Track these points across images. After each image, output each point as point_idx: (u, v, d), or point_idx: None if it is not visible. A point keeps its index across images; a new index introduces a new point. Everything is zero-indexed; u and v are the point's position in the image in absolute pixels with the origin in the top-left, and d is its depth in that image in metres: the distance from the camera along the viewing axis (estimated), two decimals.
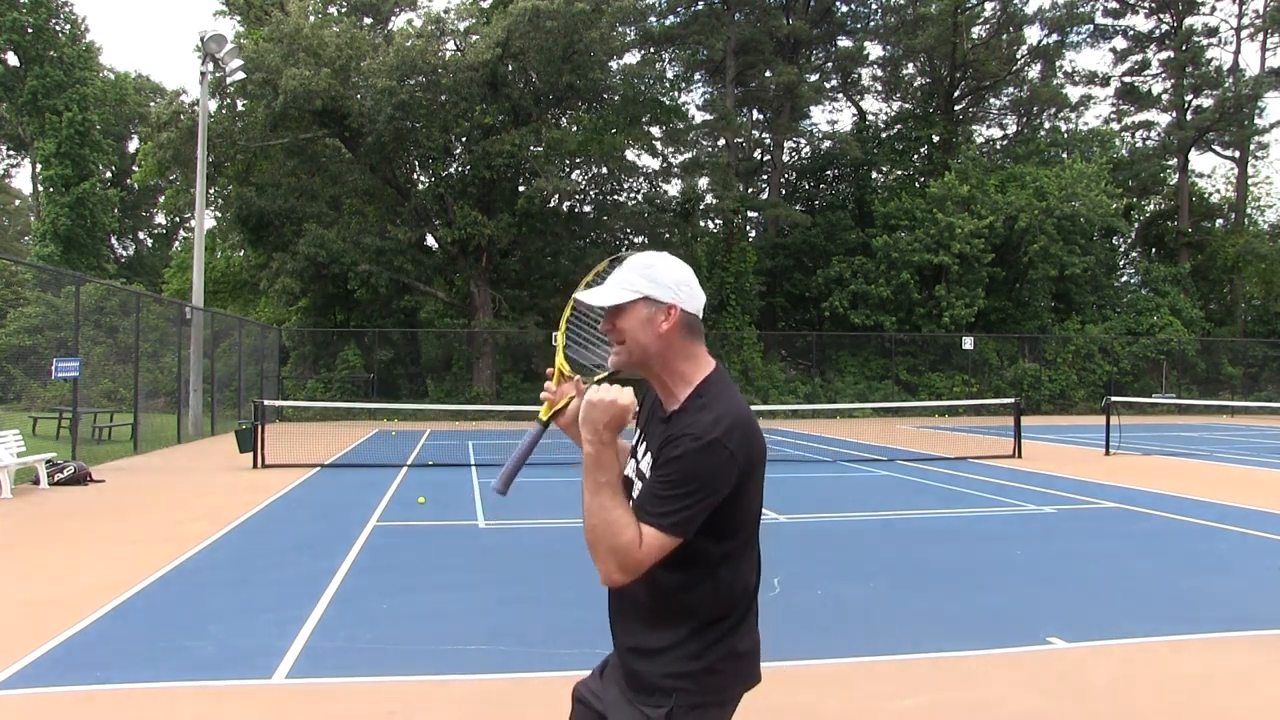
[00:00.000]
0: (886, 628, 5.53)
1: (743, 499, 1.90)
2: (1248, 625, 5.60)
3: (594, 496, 1.86)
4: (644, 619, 1.97)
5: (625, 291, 1.93)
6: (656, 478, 1.88)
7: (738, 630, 1.97)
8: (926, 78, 40.02)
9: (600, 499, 1.86)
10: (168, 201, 41.29)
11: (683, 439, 1.85)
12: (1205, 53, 40.08)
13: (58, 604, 5.87)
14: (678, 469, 1.84)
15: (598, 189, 33.37)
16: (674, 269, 1.97)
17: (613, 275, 1.99)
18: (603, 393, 1.87)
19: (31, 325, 27.60)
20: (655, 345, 1.93)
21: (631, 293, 1.93)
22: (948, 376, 32.30)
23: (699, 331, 1.99)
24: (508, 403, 27.34)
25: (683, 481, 1.83)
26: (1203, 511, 10.10)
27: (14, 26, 36.21)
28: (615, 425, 1.87)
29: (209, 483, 12.20)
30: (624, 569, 1.84)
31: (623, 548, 1.82)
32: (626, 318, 1.94)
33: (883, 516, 9.95)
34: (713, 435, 1.83)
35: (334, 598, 6.07)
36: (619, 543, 1.83)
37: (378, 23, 32.35)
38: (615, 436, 1.88)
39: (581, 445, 1.90)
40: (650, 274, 1.94)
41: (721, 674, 1.94)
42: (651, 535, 1.83)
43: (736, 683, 1.98)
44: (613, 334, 1.97)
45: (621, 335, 1.95)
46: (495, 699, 4.37)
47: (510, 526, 9.02)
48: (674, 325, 1.93)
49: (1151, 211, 42.56)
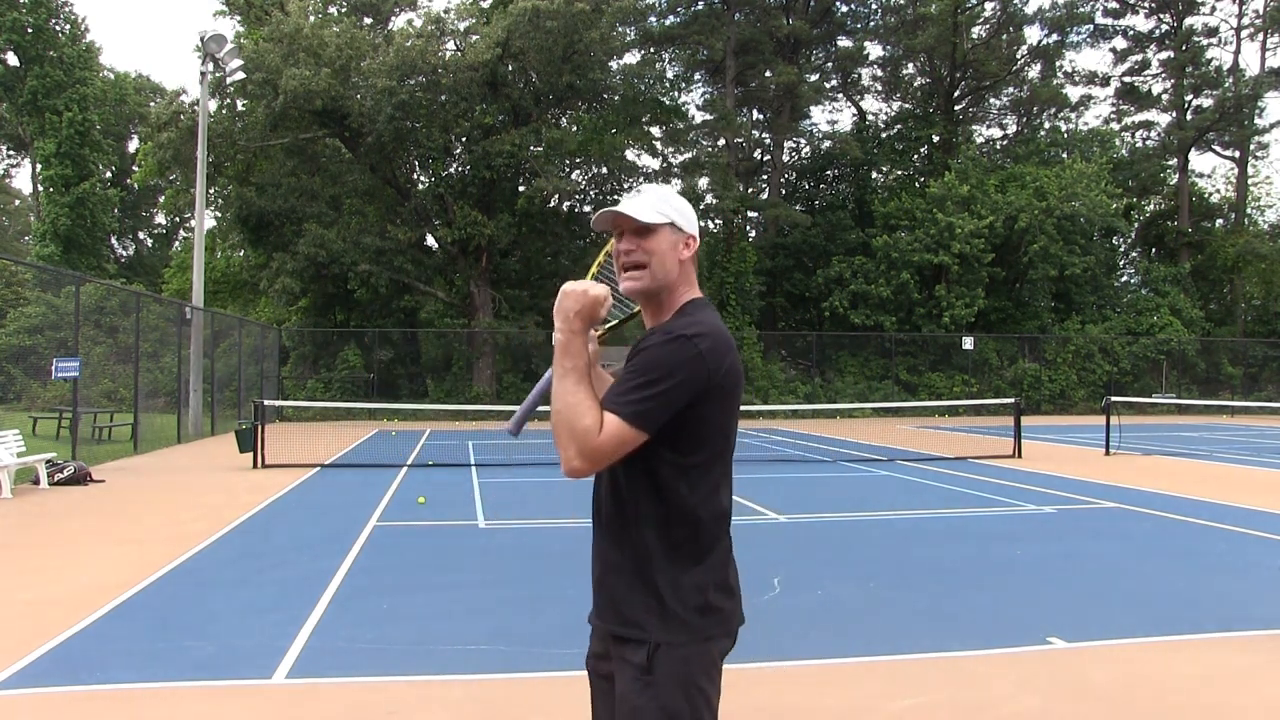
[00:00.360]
0: (886, 628, 5.53)
1: (709, 410, 1.92)
2: (1248, 625, 5.59)
3: (560, 382, 1.89)
4: (612, 538, 2.00)
5: (658, 214, 1.99)
6: (624, 371, 1.93)
7: (705, 561, 1.96)
8: (926, 78, 40.02)
9: (565, 384, 1.88)
10: (168, 201, 41.30)
11: (653, 335, 1.94)
12: (1205, 53, 40.09)
13: (58, 604, 5.87)
14: (642, 359, 1.90)
15: (598, 189, 33.37)
16: (685, 202, 2.07)
17: (635, 200, 2.02)
18: (575, 284, 1.93)
19: (31, 325, 27.60)
20: (674, 272, 2.00)
21: (662, 216, 1.99)
22: (948, 376, 32.31)
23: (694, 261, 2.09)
24: (508, 403, 27.33)
25: (645, 370, 1.88)
26: (1203, 511, 10.10)
27: (14, 26, 36.20)
28: (586, 315, 1.91)
29: (209, 483, 12.20)
30: (583, 455, 1.85)
31: (582, 432, 1.84)
32: (656, 240, 1.99)
33: (883, 516, 9.95)
34: (682, 332, 1.90)
35: (334, 598, 6.07)
36: (579, 426, 1.84)
37: (378, 23, 32.35)
38: (586, 326, 1.92)
39: (555, 363, 1.93)
40: (674, 203, 2.03)
41: (695, 609, 1.94)
42: (612, 422, 1.85)
43: (714, 623, 1.96)
44: (635, 254, 1.99)
45: (646, 258, 1.99)
46: (495, 699, 4.36)
47: (510, 526, 9.02)
48: (692, 255, 2.04)
49: (1151, 211, 42.56)
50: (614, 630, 1.99)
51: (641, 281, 1.99)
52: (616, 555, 1.99)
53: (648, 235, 1.98)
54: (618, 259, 2.03)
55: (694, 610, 1.94)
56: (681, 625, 1.92)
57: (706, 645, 1.95)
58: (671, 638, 1.91)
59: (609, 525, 2.01)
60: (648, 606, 1.93)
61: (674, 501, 1.94)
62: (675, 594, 1.93)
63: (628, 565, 1.97)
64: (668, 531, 1.94)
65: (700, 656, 1.94)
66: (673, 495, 1.94)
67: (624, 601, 1.97)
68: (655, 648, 1.91)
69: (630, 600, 1.96)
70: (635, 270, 1.99)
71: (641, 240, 1.98)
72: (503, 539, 8.48)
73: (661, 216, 1.98)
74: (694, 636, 1.93)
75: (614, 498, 1.99)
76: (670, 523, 1.94)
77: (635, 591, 1.95)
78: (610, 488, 2.01)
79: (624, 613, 1.97)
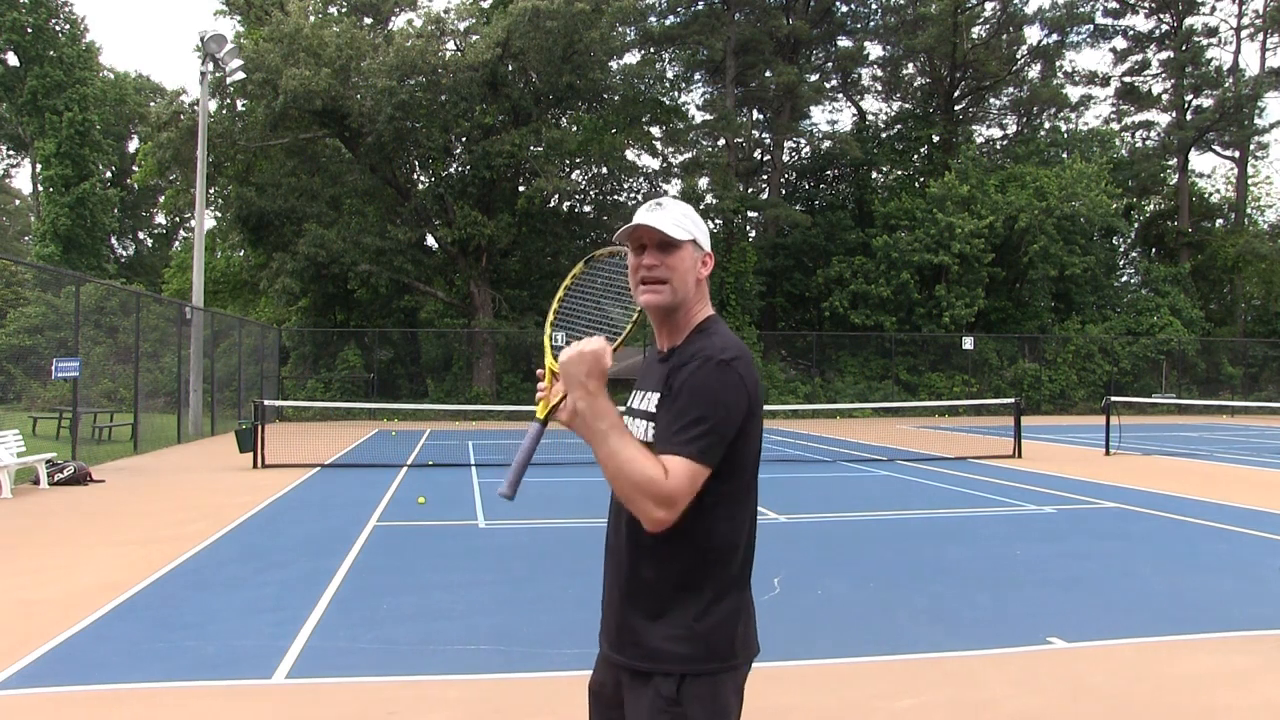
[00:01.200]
0: (886, 628, 5.53)
1: (750, 428, 1.90)
2: (1248, 625, 5.59)
3: (602, 446, 1.81)
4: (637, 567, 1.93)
5: (683, 231, 1.96)
6: (671, 406, 1.88)
7: (737, 587, 1.94)
8: (926, 78, 40.03)
9: (609, 445, 1.80)
10: (168, 201, 41.29)
11: (691, 361, 1.89)
12: (1205, 53, 40.10)
13: (58, 604, 5.87)
14: (689, 392, 1.85)
15: (598, 189, 33.39)
16: (702, 221, 2.04)
17: (660, 213, 1.97)
18: (570, 349, 1.86)
19: (31, 325, 27.59)
20: (692, 289, 1.98)
21: (686, 233, 1.97)
22: (948, 376, 32.31)
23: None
24: (508, 403, 27.35)
25: (695, 403, 1.84)
26: (1203, 511, 10.10)
27: (14, 26, 36.20)
28: (597, 372, 1.85)
29: (209, 483, 12.20)
30: (661, 504, 1.78)
31: (648, 483, 1.77)
32: (678, 256, 1.96)
33: (883, 516, 9.95)
34: (722, 357, 1.87)
35: (334, 598, 6.07)
36: (644, 479, 1.77)
37: (378, 23, 32.33)
38: (602, 384, 1.85)
39: (585, 434, 1.86)
40: (692, 218, 2.00)
41: (728, 636, 1.90)
42: (681, 465, 1.80)
43: (743, 647, 1.94)
44: (658, 270, 1.95)
45: (669, 274, 1.95)
46: (495, 699, 4.36)
47: (510, 526, 9.02)
48: (708, 273, 2.02)
49: (1151, 211, 42.56)
50: (634, 665, 1.92)
51: (662, 296, 1.95)
52: (640, 585, 1.92)
53: (671, 251, 1.95)
54: (635, 273, 1.99)
55: (726, 638, 1.90)
56: (714, 654, 1.88)
57: (735, 673, 1.92)
58: (703, 667, 1.87)
59: (635, 554, 1.93)
60: (677, 636, 1.87)
61: (714, 529, 1.90)
62: (710, 622, 1.88)
63: (657, 594, 1.90)
64: (705, 559, 1.89)
65: (730, 683, 1.91)
66: (713, 522, 1.90)
67: (646, 632, 1.90)
68: (682, 678, 1.85)
69: (654, 631, 1.89)
70: (657, 285, 1.95)
71: (665, 256, 1.95)
72: (503, 539, 8.48)
73: (686, 233, 1.95)
74: (725, 664, 1.90)
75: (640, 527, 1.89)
76: (709, 550, 1.90)
77: (663, 622, 1.89)
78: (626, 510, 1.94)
79: (647, 644, 1.90)
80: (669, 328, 2.01)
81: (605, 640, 2.03)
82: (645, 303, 1.98)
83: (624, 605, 1.96)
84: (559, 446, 18.17)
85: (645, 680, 1.89)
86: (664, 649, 1.88)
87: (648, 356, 2.11)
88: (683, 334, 1.99)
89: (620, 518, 1.98)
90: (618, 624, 1.97)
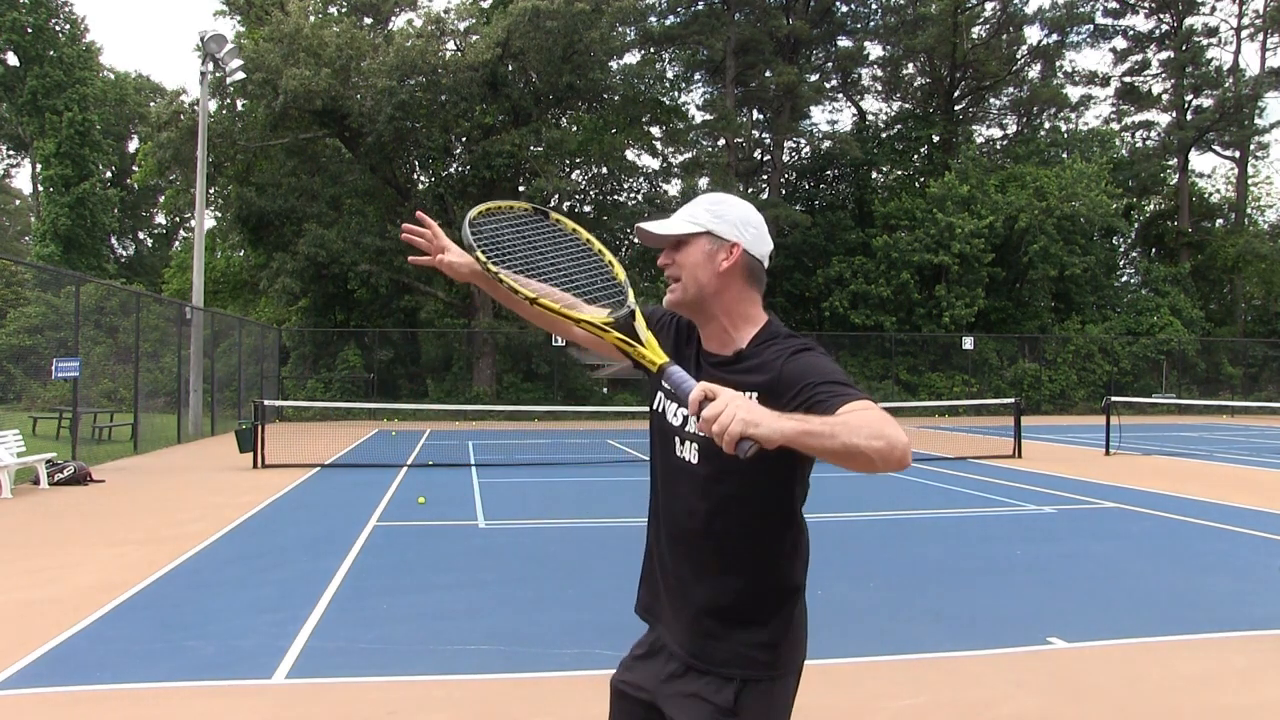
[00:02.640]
0: (886, 628, 5.53)
1: None
2: (1248, 625, 5.59)
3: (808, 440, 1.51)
4: (720, 566, 1.82)
5: (688, 224, 1.86)
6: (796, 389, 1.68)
7: (804, 588, 1.89)
8: (926, 78, 40.03)
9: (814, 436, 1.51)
10: (168, 201, 41.32)
11: (780, 355, 1.75)
12: (1205, 53, 40.13)
13: (58, 604, 5.86)
14: (810, 368, 1.69)
15: (598, 189, 33.39)
16: (740, 208, 1.89)
17: (681, 210, 1.92)
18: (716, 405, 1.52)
19: (31, 325, 27.59)
20: (714, 284, 1.84)
21: (694, 225, 1.86)
22: (948, 376, 32.31)
23: (760, 279, 1.90)
24: (508, 403, 27.34)
25: (824, 372, 1.69)
26: (1203, 511, 10.10)
27: (14, 26, 36.23)
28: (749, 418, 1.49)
29: (209, 483, 12.19)
30: (898, 440, 1.52)
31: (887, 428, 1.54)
32: (687, 251, 1.85)
33: (883, 516, 9.95)
34: (808, 345, 1.77)
35: (334, 598, 6.06)
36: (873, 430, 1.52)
37: (378, 23, 32.34)
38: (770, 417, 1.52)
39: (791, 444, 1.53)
40: (717, 209, 1.88)
41: (800, 638, 1.85)
42: (866, 404, 1.60)
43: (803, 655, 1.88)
44: (670, 269, 1.87)
45: (679, 270, 1.86)
46: (495, 699, 4.36)
47: (510, 526, 9.02)
48: (735, 264, 1.84)
49: (1151, 211, 42.57)
50: (715, 671, 1.82)
51: (676, 294, 1.87)
52: (724, 587, 1.81)
53: (680, 247, 1.86)
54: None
55: (799, 642, 1.85)
56: (786, 659, 1.82)
57: (797, 679, 1.87)
58: (770, 673, 1.80)
59: (717, 551, 1.82)
60: (759, 642, 1.79)
61: (798, 524, 1.85)
62: (793, 625, 1.82)
63: (743, 596, 1.81)
64: (794, 557, 1.83)
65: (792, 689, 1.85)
66: (797, 517, 1.84)
67: (724, 638, 1.81)
68: (744, 684, 1.78)
69: (733, 637, 1.80)
70: (674, 283, 1.88)
71: (675, 253, 1.86)
72: (503, 539, 8.47)
73: (693, 225, 1.85)
74: (794, 668, 1.85)
75: (727, 517, 1.78)
76: (797, 546, 1.83)
77: (748, 627, 1.80)
78: (721, 506, 1.81)
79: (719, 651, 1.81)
80: (715, 328, 1.88)
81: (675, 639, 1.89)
82: (667, 302, 1.91)
83: (701, 610, 1.84)
84: (559, 447, 18.17)
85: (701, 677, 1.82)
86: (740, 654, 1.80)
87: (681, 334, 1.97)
88: (744, 334, 1.85)
89: (697, 509, 1.84)
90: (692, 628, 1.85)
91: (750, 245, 1.86)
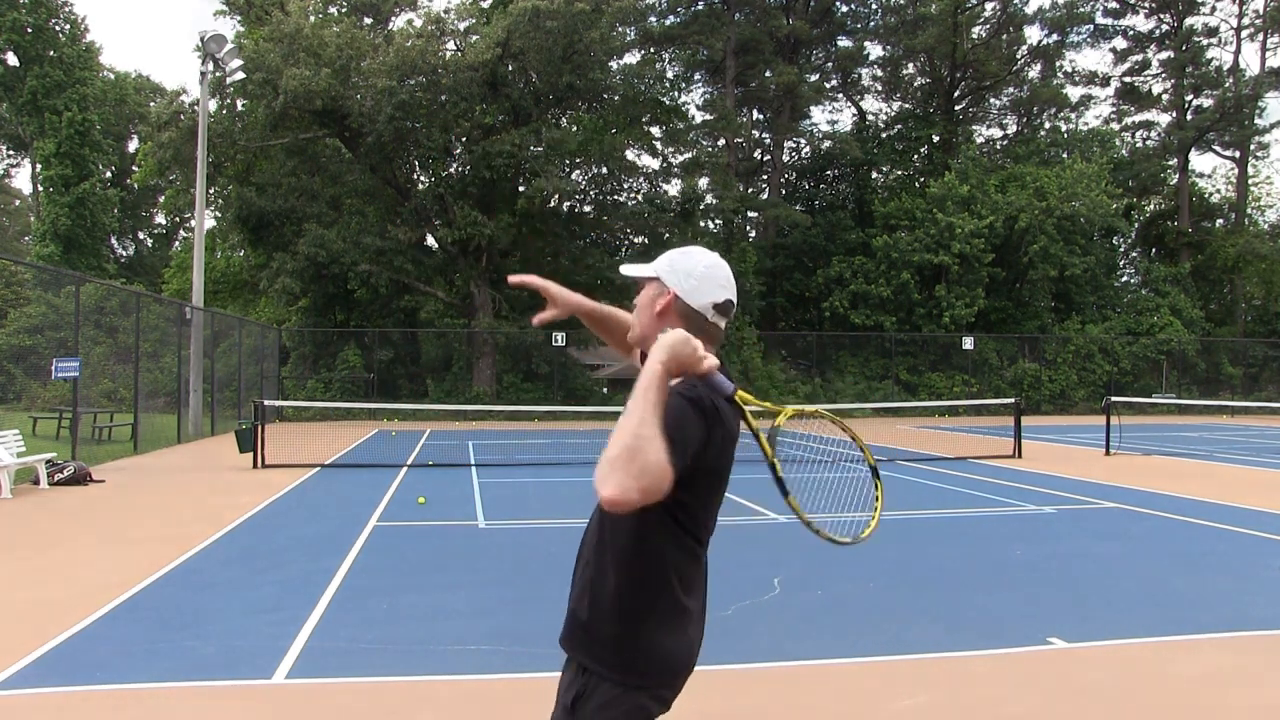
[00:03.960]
0: (886, 628, 5.52)
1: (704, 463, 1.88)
2: (1248, 625, 5.59)
3: (645, 403, 1.71)
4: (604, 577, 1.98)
5: (646, 269, 2.05)
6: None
7: (662, 612, 1.95)
8: (926, 78, 40.05)
9: (653, 414, 1.70)
10: (168, 201, 41.32)
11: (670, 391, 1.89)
12: (1205, 53, 40.16)
13: (58, 604, 5.86)
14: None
15: (598, 189, 33.37)
16: (693, 260, 2.01)
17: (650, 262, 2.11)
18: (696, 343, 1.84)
19: (31, 325, 27.60)
20: (650, 326, 2.00)
21: (650, 271, 2.04)
22: (948, 376, 32.31)
23: (702, 329, 1.95)
24: (508, 403, 27.34)
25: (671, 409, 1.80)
26: (1203, 511, 10.10)
27: (14, 26, 36.22)
28: (680, 367, 1.82)
29: (209, 483, 12.19)
30: (645, 492, 1.64)
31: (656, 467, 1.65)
32: (642, 293, 2.06)
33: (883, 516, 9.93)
34: (682, 390, 1.86)
35: (334, 598, 6.06)
36: (655, 460, 1.65)
37: (378, 23, 32.35)
38: (671, 374, 1.80)
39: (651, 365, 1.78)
40: (674, 258, 2.03)
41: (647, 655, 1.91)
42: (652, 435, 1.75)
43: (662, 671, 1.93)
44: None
45: (635, 310, 2.08)
46: (495, 699, 4.36)
47: (510, 526, 9.02)
48: (666, 309, 1.98)
49: (1151, 211, 42.59)
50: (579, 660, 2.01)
51: (633, 331, 2.09)
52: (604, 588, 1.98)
53: (640, 288, 2.06)
54: None
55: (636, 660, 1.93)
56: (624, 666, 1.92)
57: (640, 692, 1.92)
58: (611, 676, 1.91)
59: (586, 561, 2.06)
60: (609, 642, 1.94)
61: (653, 551, 1.95)
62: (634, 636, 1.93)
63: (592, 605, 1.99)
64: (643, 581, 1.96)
65: (633, 699, 1.91)
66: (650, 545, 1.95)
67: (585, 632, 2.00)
68: (591, 677, 1.92)
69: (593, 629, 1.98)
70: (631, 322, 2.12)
71: (637, 293, 2.07)
72: (503, 539, 8.47)
73: (650, 271, 2.03)
74: (635, 684, 1.92)
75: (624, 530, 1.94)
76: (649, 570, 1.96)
77: (605, 622, 1.95)
78: (597, 521, 2.04)
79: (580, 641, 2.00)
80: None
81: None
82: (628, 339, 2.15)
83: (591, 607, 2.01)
84: (559, 447, 18.17)
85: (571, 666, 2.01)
86: (597, 637, 1.94)
87: None
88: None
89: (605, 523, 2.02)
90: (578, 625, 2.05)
91: (686, 295, 1.96)
